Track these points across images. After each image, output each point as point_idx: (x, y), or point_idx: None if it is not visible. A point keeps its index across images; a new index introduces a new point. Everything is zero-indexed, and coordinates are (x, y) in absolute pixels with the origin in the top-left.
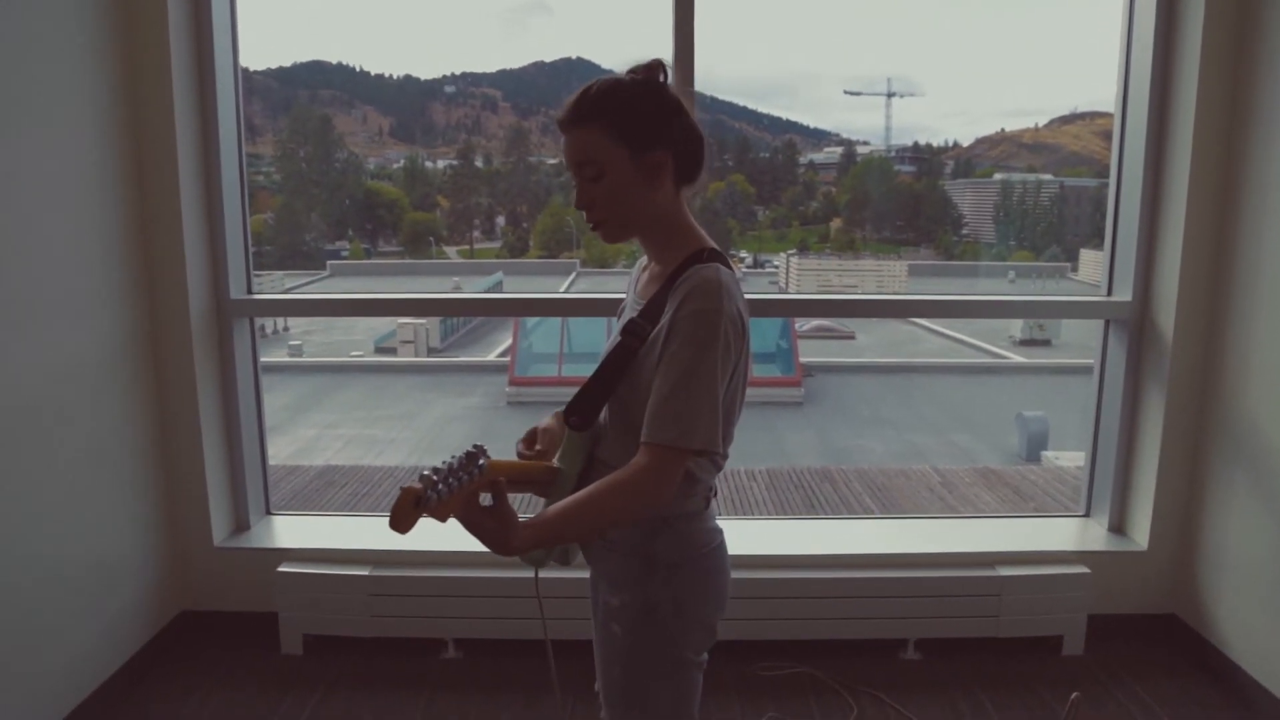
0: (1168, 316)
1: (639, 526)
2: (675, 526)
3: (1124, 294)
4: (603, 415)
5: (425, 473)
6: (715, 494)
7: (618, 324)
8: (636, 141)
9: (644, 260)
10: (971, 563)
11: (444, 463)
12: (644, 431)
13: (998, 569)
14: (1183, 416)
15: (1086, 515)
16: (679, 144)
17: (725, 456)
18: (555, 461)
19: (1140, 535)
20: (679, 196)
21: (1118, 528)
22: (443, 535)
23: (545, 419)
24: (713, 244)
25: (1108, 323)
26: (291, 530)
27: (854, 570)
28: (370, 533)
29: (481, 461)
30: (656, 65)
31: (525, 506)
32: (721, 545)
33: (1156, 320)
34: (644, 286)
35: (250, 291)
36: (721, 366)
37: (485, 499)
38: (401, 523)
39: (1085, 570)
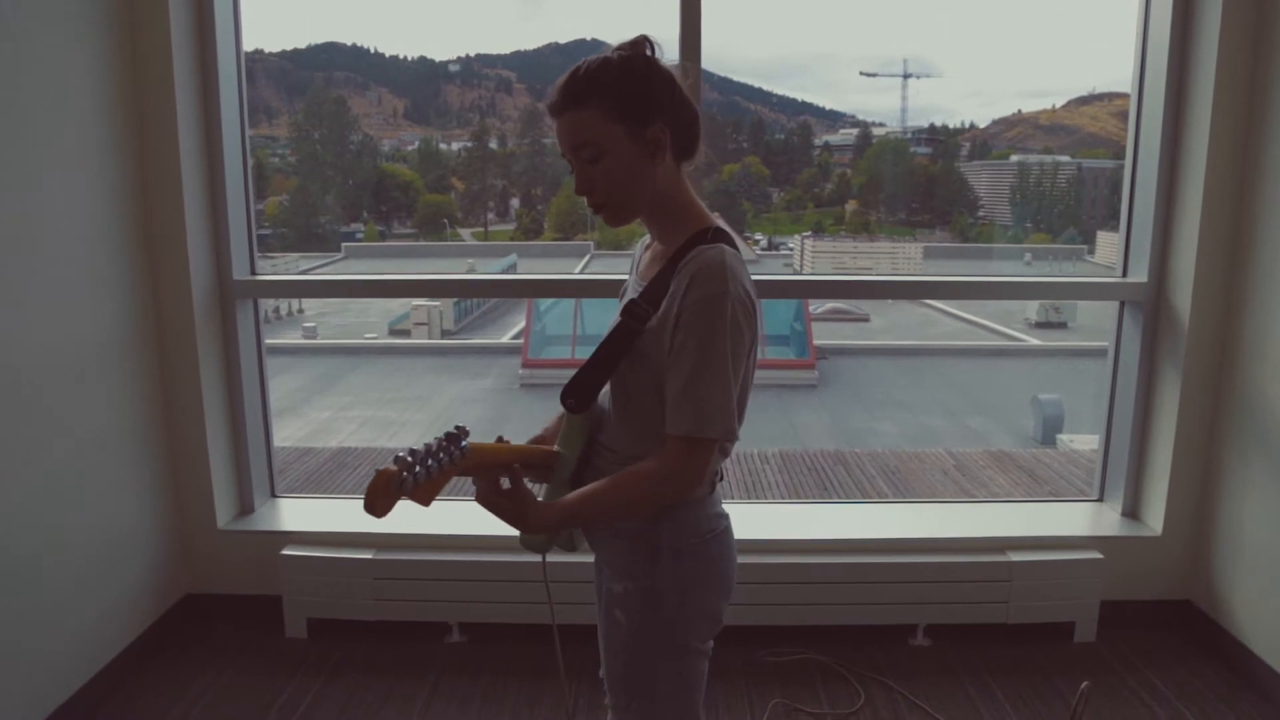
0: (1184, 298)
1: None
2: (679, 512)
3: (1139, 275)
4: (605, 398)
5: (401, 454)
6: (721, 478)
7: (619, 305)
8: (633, 117)
9: (646, 239)
10: (983, 548)
11: (423, 444)
12: (666, 423)
13: (1009, 554)
14: (1198, 400)
15: (1100, 500)
16: (675, 117)
17: (734, 440)
18: (555, 446)
19: (1154, 520)
20: (680, 173)
21: (1132, 513)
22: (447, 518)
23: (548, 423)
24: (717, 221)
25: (1123, 304)
26: (296, 513)
27: (863, 555)
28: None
29: (464, 443)
30: (642, 40)
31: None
32: (727, 530)
33: (1172, 302)
34: (646, 267)
35: (254, 273)
36: (733, 351)
37: (504, 483)
38: (376, 505)
39: (1098, 556)
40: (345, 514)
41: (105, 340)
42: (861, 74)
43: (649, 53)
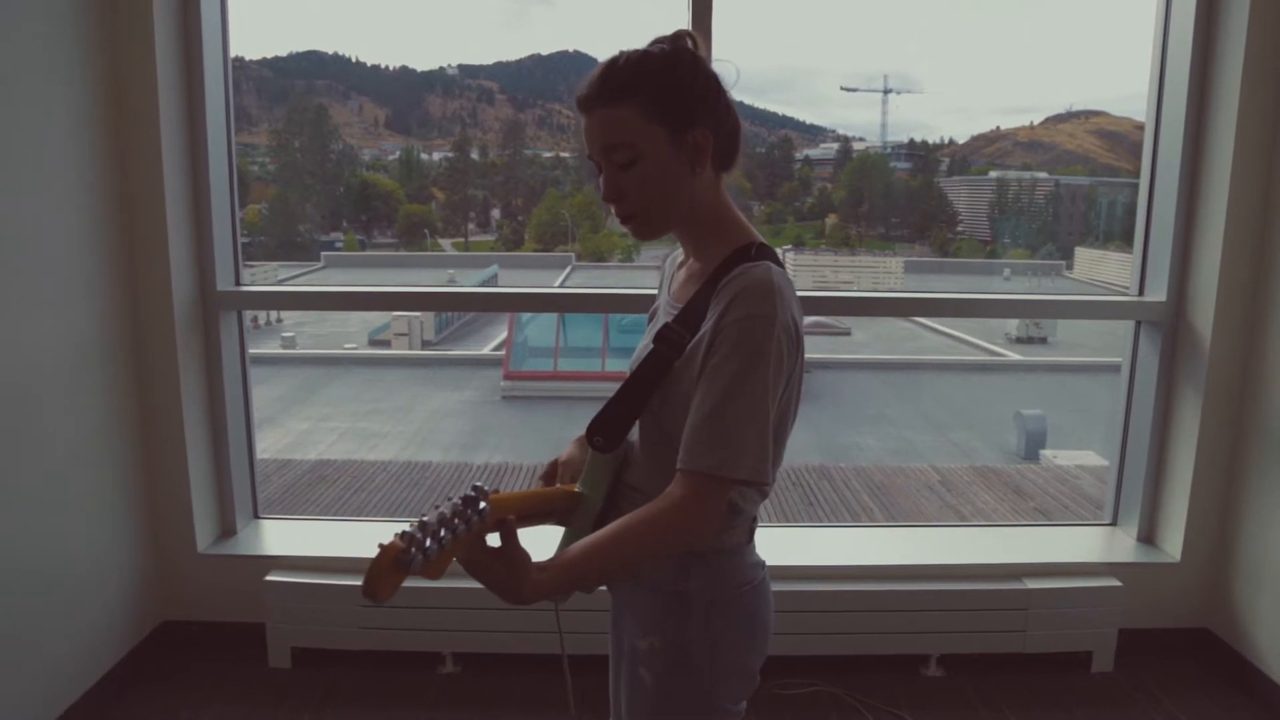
0: (1205, 318)
1: (672, 561)
2: (713, 562)
3: (1157, 294)
4: (633, 433)
5: (407, 529)
6: (756, 524)
7: (648, 329)
8: (676, 119)
9: (677, 255)
10: (996, 575)
11: (436, 510)
12: (680, 457)
13: (1024, 581)
14: (1219, 421)
15: (1113, 524)
16: (719, 124)
17: (772, 483)
18: (577, 487)
19: (1172, 546)
20: (719, 184)
21: (1148, 538)
22: None
23: (566, 448)
24: (761, 238)
25: (1139, 324)
26: (280, 536)
27: (874, 582)
28: (363, 539)
29: (483, 505)
30: (683, 35)
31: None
32: (764, 581)
33: (1192, 321)
34: (680, 287)
35: (239, 283)
36: (773, 383)
37: (493, 539)
38: (378, 587)
39: (1116, 583)
40: (332, 537)
41: (82, 353)
42: (842, 89)
43: (690, 46)
